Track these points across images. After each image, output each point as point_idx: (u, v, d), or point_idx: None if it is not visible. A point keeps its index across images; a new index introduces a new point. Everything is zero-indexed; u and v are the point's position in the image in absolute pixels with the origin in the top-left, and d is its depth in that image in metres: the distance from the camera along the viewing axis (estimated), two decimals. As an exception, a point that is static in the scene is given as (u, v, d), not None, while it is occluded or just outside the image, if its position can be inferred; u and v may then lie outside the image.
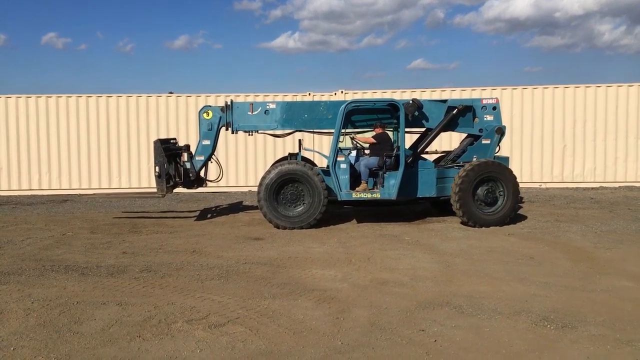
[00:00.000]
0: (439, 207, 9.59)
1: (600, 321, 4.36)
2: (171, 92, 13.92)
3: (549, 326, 4.27)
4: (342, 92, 13.60)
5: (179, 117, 13.68)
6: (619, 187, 13.17)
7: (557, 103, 13.41)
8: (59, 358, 3.81)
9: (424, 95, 13.36)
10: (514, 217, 8.69)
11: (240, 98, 13.22)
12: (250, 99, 13.20)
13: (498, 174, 8.47)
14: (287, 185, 8.59)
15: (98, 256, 6.87)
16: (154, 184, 9.65)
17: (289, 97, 13.48)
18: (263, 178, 8.65)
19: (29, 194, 13.41)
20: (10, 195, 13.17)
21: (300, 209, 8.57)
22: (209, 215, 10.16)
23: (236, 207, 11.23)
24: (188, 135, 13.20)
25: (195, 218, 9.88)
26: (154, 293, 5.26)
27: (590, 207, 10.35)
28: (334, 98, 13.38)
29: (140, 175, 13.64)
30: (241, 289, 5.34)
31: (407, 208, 9.96)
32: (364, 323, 4.39)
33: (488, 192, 8.45)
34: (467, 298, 4.97)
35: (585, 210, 9.97)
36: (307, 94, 13.67)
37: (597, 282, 5.44)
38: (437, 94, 13.43)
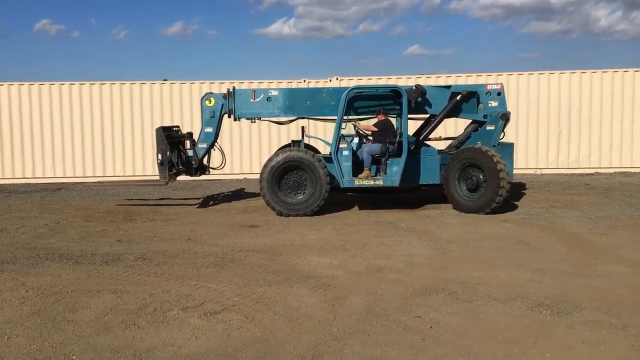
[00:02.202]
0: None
1: (595, 306, 4.37)
2: (165, 80, 13.82)
3: (544, 312, 4.28)
4: (337, 78, 13.51)
5: (172, 104, 13.57)
6: (614, 172, 13.20)
7: (553, 89, 13.37)
8: (54, 346, 3.80)
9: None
10: (503, 204, 8.25)
11: (235, 85, 13.12)
12: (245, 85, 13.12)
13: (476, 160, 8.27)
14: (291, 171, 8.55)
15: (93, 244, 6.84)
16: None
17: (284, 84, 13.40)
18: (269, 160, 8.60)
19: (23, 182, 13.33)
20: (3, 184, 13.08)
21: (300, 197, 8.54)
22: (204, 203, 10.12)
23: (231, 194, 11.20)
24: (183, 122, 13.08)
25: (191, 206, 9.84)
26: (149, 281, 5.25)
27: (585, 192, 10.37)
28: (329, 85, 13.30)
29: (134, 163, 13.56)
30: (236, 277, 5.33)
31: (405, 195, 9.94)
32: (359, 310, 4.39)
33: (468, 178, 8.39)
34: (463, 284, 4.98)
35: (580, 196, 9.99)
36: (302, 80, 13.58)
37: (592, 268, 5.46)
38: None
